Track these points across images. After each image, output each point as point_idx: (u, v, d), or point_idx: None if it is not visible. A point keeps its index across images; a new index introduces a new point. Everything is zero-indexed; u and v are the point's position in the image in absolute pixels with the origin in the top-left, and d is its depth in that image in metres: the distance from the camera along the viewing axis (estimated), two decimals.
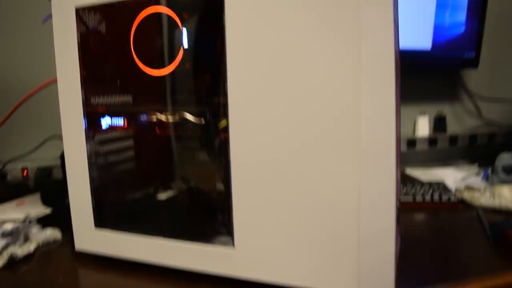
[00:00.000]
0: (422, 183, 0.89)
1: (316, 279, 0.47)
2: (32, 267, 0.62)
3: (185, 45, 0.54)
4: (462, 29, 1.03)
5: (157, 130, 0.59)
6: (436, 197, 0.82)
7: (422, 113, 1.14)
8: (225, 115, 0.49)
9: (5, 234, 0.67)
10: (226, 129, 0.49)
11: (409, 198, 0.82)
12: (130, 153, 0.63)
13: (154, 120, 0.59)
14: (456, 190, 0.86)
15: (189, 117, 0.56)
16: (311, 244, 0.46)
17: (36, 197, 0.81)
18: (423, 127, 1.13)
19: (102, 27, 0.61)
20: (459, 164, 1.13)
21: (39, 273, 0.60)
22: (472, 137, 1.16)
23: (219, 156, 0.52)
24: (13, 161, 0.92)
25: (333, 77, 0.43)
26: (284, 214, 0.47)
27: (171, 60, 0.55)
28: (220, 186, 0.54)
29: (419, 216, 0.76)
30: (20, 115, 0.72)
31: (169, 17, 0.54)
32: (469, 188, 0.87)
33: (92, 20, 0.60)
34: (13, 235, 0.68)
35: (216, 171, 0.55)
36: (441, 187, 0.87)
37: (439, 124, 1.16)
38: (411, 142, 1.11)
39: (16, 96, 0.82)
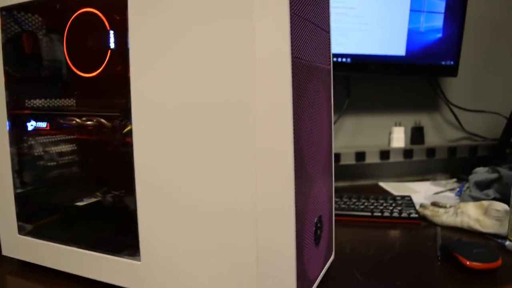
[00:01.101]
0: (385, 198, 0.84)
1: None
2: None
3: (112, 47, 0.51)
4: (439, 34, 0.98)
5: (77, 134, 0.57)
6: (395, 213, 0.77)
7: (398, 123, 1.09)
8: (129, 120, 0.46)
9: None
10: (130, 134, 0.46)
11: (367, 214, 0.78)
12: (53, 157, 0.61)
13: (74, 123, 0.56)
14: (420, 206, 0.81)
15: (103, 121, 0.53)
16: (212, 256, 0.42)
17: None
18: (398, 138, 1.08)
19: (33, 27, 0.59)
20: (438, 178, 1.07)
21: None
22: (452, 150, 1.10)
23: (127, 163, 0.49)
24: None
25: (226, 81, 0.39)
26: (186, 225, 0.44)
27: (100, 62, 0.52)
28: (128, 196, 0.50)
29: (373, 233, 0.71)
30: None
31: (99, 18, 0.51)
32: (435, 204, 0.81)
33: (20, 21, 0.58)
34: None
35: (124, 180, 0.51)
36: (405, 202, 0.82)
37: (416, 135, 1.11)
38: (385, 154, 1.06)
39: None
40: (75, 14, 0.53)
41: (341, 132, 1.08)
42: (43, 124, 0.58)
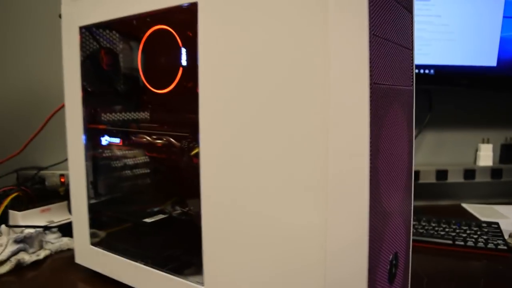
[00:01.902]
0: (469, 224, 0.77)
1: None
2: (35, 275, 0.64)
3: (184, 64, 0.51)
4: None
5: (147, 151, 0.57)
6: (481, 242, 0.70)
7: (485, 140, 0.99)
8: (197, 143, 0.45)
9: (17, 241, 0.69)
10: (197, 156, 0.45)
11: (448, 242, 0.71)
12: (125, 172, 0.62)
13: (144, 141, 0.57)
14: (510, 236, 0.73)
15: (173, 140, 0.53)
16: None
17: (64, 204, 0.83)
18: (485, 156, 0.98)
19: (110, 45, 0.61)
20: None
21: (36, 281, 0.62)
22: None
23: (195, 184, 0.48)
24: (52, 167, 0.96)
25: (298, 107, 0.37)
26: (250, 254, 0.42)
27: (172, 79, 0.53)
28: (195, 217, 0.50)
29: (454, 264, 0.65)
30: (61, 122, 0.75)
31: (171, 34, 0.51)
32: None
33: (98, 39, 0.61)
34: (26, 242, 0.70)
35: (191, 200, 0.51)
36: (492, 230, 0.74)
37: (507, 152, 1.00)
38: (470, 173, 0.97)
39: (49, 107, 0.86)
40: (149, 31, 0.54)
41: (422, 148, 1.01)
42: (116, 140, 0.60)
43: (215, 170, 0.44)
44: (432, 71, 0.88)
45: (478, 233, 0.73)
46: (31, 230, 0.72)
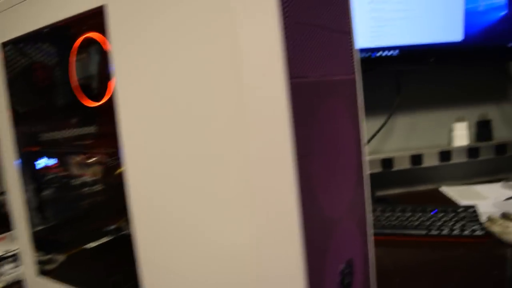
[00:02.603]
0: (446, 210, 0.73)
1: None
2: None
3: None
4: (503, 12, 0.84)
5: (82, 171, 0.53)
6: (456, 230, 0.66)
7: (460, 119, 0.95)
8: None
9: None
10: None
11: (422, 232, 0.67)
12: (67, 196, 0.58)
13: (77, 160, 0.52)
14: (487, 219, 0.69)
15: (103, 158, 0.48)
16: None
17: None
18: (460, 136, 0.94)
19: (42, 59, 0.57)
20: (511, 178, 0.93)
21: None
22: None
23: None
24: None
25: (214, 115, 0.33)
26: (187, 270, 0.38)
27: (104, 92, 0.48)
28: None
29: (428, 256, 0.61)
30: None
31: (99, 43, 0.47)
32: (506, 216, 0.69)
33: (29, 54, 0.56)
34: None
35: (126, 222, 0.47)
36: (469, 215, 0.71)
37: (482, 130, 0.96)
38: (445, 155, 0.93)
39: None
40: (78, 42, 0.49)
41: (394, 134, 0.97)
42: (53, 161, 0.55)
43: (141, 189, 0.40)
44: (396, 51, 0.84)
45: (454, 219, 0.70)
46: None
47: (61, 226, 0.58)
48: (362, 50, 0.83)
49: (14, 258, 0.73)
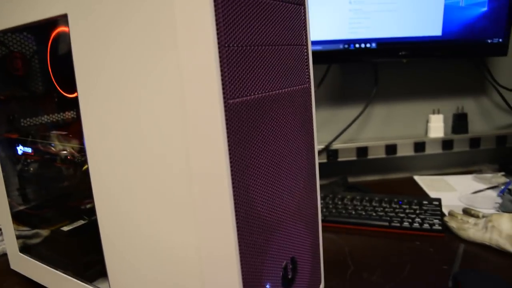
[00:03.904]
0: (411, 202, 0.76)
1: None
2: None
3: None
4: (483, 8, 0.84)
5: (55, 161, 0.56)
6: (416, 223, 0.70)
7: (436, 111, 0.97)
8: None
9: None
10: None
11: (384, 223, 0.71)
12: (42, 181, 0.61)
13: (51, 151, 0.55)
14: (448, 213, 0.72)
15: (75, 153, 0.51)
16: None
17: None
18: (436, 128, 0.97)
19: (20, 49, 0.59)
20: (483, 170, 0.95)
21: None
22: (501, 138, 0.97)
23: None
24: None
25: (162, 126, 0.36)
26: (142, 264, 0.42)
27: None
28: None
29: (386, 248, 0.65)
30: None
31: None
32: (466, 212, 0.72)
33: (6, 43, 0.58)
34: None
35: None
36: (432, 208, 0.74)
37: (458, 123, 0.98)
38: (420, 145, 0.95)
39: None
40: (54, 33, 0.51)
41: (370, 123, 0.99)
42: (28, 150, 0.58)
43: (103, 186, 0.43)
44: (373, 44, 0.85)
45: (417, 212, 0.73)
46: None
47: (39, 207, 0.62)
48: (341, 42, 0.85)
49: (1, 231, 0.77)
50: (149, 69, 0.35)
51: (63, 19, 0.42)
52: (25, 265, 0.62)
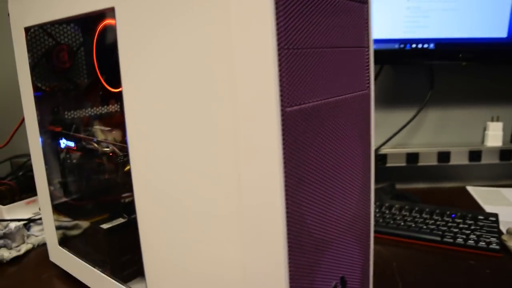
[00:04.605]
0: (464, 216, 0.71)
1: None
2: (14, 271, 0.66)
3: None
4: None
5: (96, 158, 0.55)
6: (471, 240, 0.64)
7: (495, 118, 0.90)
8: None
9: None
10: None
11: (436, 238, 0.66)
12: (87, 175, 0.60)
13: (93, 147, 0.54)
14: (506, 232, 0.67)
15: (117, 150, 0.50)
16: None
17: None
18: (494, 136, 0.90)
19: (66, 41, 0.58)
20: None
21: (14, 278, 0.63)
22: None
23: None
24: None
25: (208, 135, 0.33)
26: (184, 275, 0.40)
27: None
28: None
29: (438, 266, 0.60)
30: None
31: None
32: None
33: (47, 38, 0.57)
34: (7, 237, 0.71)
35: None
36: (488, 224, 0.68)
37: None
38: (475, 154, 0.89)
39: None
40: (100, 26, 0.50)
41: (422, 128, 0.93)
42: (71, 144, 0.58)
43: (146, 188, 0.41)
44: (431, 45, 0.80)
45: (472, 227, 0.68)
46: (12, 226, 0.73)
47: (78, 199, 0.62)
48: (396, 41, 0.80)
49: (41, 221, 0.78)
50: (199, 70, 0.33)
51: (110, 12, 0.41)
52: (63, 258, 0.62)
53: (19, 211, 0.80)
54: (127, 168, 0.43)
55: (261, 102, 0.30)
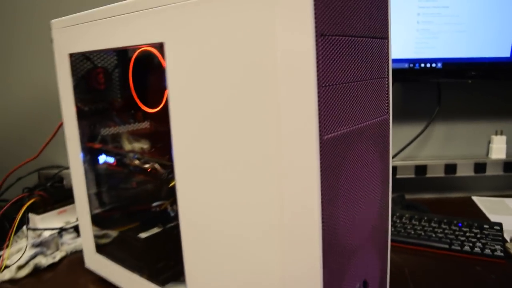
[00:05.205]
0: (471, 225, 0.76)
1: None
2: (51, 277, 0.71)
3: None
4: None
5: (137, 174, 0.60)
6: (477, 248, 0.69)
7: (499, 132, 0.96)
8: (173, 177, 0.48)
9: (35, 245, 0.75)
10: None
11: (445, 246, 0.71)
12: (123, 188, 0.65)
13: (134, 163, 0.59)
14: (510, 240, 0.72)
15: (158, 167, 0.55)
16: None
17: None
18: (498, 149, 0.95)
19: (103, 65, 0.63)
20: None
21: (51, 283, 0.68)
22: None
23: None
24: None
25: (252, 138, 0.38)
26: (224, 279, 0.45)
27: (160, 99, 0.54)
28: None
29: (446, 271, 0.65)
30: None
31: (154, 56, 0.52)
32: None
33: (87, 64, 0.63)
34: (43, 245, 0.76)
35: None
36: (493, 233, 0.73)
37: None
38: (481, 166, 0.94)
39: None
40: (137, 52, 0.55)
41: (430, 141, 0.99)
42: (110, 160, 0.63)
43: (190, 203, 0.46)
44: (439, 64, 0.85)
45: (478, 236, 0.73)
46: (47, 234, 0.78)
47: (116, 212, 0.67)
48: (406, 61, 0.85)
49: (73, 229, 0.83)
50: (246, 104, 0.38)
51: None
52: (100, 264, 0.67)
53: (51, 220, 0.84)
54: (172, 183, 0.48)
55: (303, 132, 0.35)
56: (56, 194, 0.89)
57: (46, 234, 0.80)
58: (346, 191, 0.40)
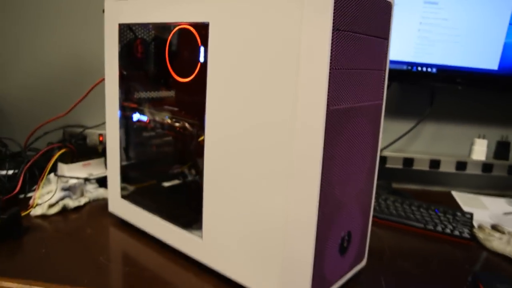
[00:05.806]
0: (446, 211, 0.87)
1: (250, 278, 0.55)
2: (77, 217, 0.81)
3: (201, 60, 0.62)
4: None
5: (167, 130, 0.70)
6: (448, 229, 0.81)
7: (481, 136, 1.07)
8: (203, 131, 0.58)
9: (64, 189, 0.86)
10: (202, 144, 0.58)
11: (420, 225, 0.82)
12: (150, 143, 0.76)
13: (165, 122, 0.70)
14: (478, 226, 0.83)
15: (187, 126, 0.65)
16: (249, 247, 0.54)
17: (102, 160, 0.99)
18: (479, 151, 1.06)
19: (143, 36, 0.73)
20: None
21: (78, 222, 0.79)
22: None
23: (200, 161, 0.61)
24: (94, 127, 1.12)
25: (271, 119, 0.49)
26: (235, 222, 0.55)
27: (192, 71, 0.64)
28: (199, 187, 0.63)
29: (419, 245, 0.77)
30: (103, 88, 0.86)
31: (192, 33, 0.62)
32: (494, 228, 0.82)
33: (134, 30, 0.73)
34: (71, 190, 0.87)
35: (199, 173, 0.64)
36: (464, 219, 0.85)
37: (501, 149, 1.07)
38: (461, 165, 1.06)
39: (92, 73, 1.01)
40: (175, 29, 0.65)
41: (419, 138, 1.10)
42: (144, 118, 0.73)
43: (215, 154, 0.57)
44: (434, 69, 0.96)
45: (450, 220, 0.84)
46: (75, 180, 0.88)
47: (142, 164, 0.77)
48: (405, 63, 0.96)
49: (95, 181, 0.94)
50: (273, 77, 0.48)
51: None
52: (123, 208, 0.77)
53: (77, 170, 0.95)
54: (201, 138, 0.59)
55: (315, 102, 0.46)
56: (80, 150, 0.99)
57: (72, 181, 0.90)
58: (342, 152, 0.51)
